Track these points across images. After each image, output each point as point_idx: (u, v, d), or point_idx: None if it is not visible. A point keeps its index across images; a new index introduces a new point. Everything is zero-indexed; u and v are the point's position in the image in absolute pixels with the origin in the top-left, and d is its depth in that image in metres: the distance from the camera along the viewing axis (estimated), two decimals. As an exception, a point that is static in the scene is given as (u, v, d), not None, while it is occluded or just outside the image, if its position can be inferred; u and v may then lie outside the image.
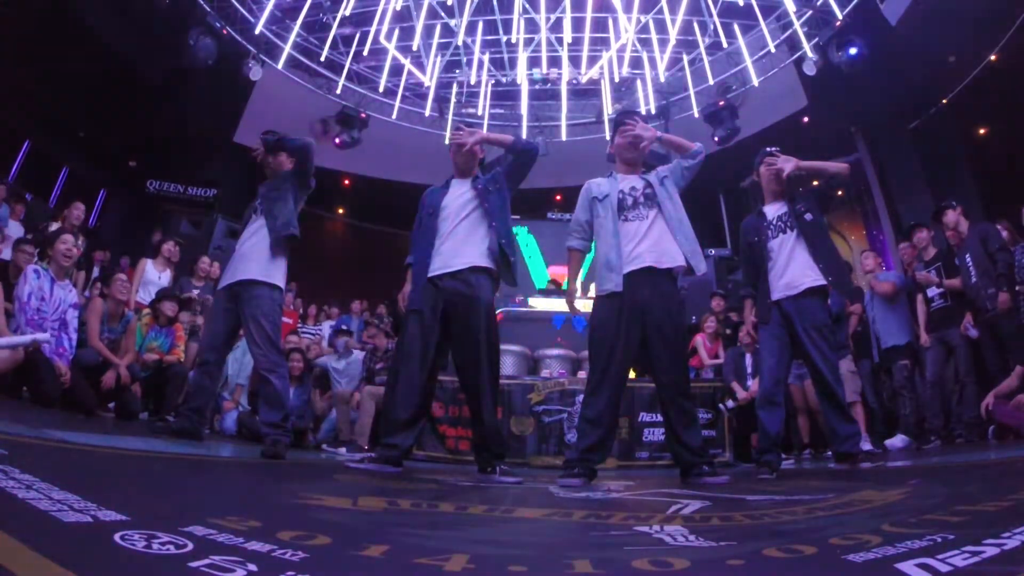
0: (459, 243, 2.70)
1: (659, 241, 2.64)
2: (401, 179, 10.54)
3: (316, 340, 6.48)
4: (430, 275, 2.69)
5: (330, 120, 9.94)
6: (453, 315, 2.64)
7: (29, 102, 8.39)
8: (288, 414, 3.04)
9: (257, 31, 8.70)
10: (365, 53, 9.82)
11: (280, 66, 9.16)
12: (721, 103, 9.27)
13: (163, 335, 4.37)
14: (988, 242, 3.98)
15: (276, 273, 3.07)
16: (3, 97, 7.94)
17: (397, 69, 9.78)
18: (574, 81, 10.21)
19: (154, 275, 5.21)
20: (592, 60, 9.74)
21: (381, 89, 10.02)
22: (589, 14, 9.17)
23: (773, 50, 8.78)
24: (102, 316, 3.92)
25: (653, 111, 9.77)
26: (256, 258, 3.05)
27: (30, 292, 3.37)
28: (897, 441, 4.35)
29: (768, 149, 3.22)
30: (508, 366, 5.40)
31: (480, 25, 9.67)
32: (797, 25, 8.34)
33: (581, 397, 3.31)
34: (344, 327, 5.68)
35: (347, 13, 8.81)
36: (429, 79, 9.88)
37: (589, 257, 3.02)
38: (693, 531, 1.11)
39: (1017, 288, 3.81)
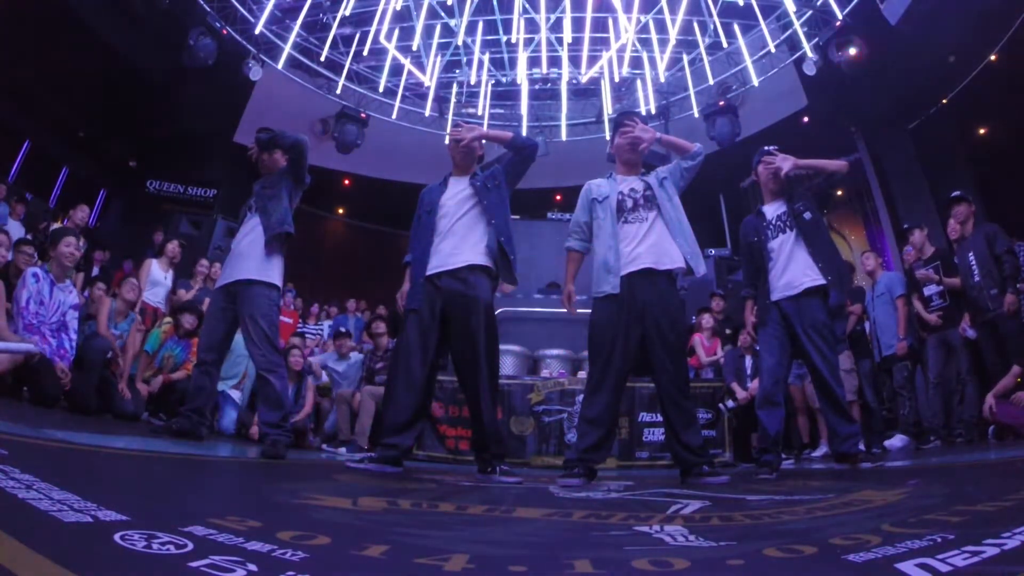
0: (457, 241, 2.69)
1: (658, 242, 2.64)
2: (401, 179, 10.55)
3: (316, 340, 6.49)
4: (428, 273, 2.68)
5: (330, 120, 9.95)
6: (452, 315, 2.64)
7: (29, 102, 8.40)
8: (288, 414, 3.04)
9: (257, 31, 8.71)
10: (365, 53, 9.82)
11: (280, 66, 9.16)
12: (721, 103, 9.27)
13: (180, 346, 4.39)
14: (994, 243, 3.96)
15: (272, 271, 3.06)
16: (3, 97, 7.94)
17: (397, 69, 9.78)
18: (574, 81, 10.21)
19: (160, 275, 5.23)
20: (592, 60, 9.74)
21: (381, 89, 10.03)
22: (589, 14, 9.16)
23: (773, 50, 8.78)
24: (109, 312, 3.94)
25: (653, 111, 9.77)
26: (252, 257, 3.04)
27: (28, 297, 3.36)
28: (897, 441, 4.35)
29: (766, 148, 3.22)
30: (508, 366, 5.39)
31: (480, 25, 9.67)
32: (797, 25, 8.34)
33: (581, 397, 3.31)
34: (342, 328, 5.67)
35: (347, 13, 8.81)
36: (429, 79, 9.88)
37: None
38: (693, 531, 1.11)
39: (1020, 286, 3.81)
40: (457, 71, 10.43)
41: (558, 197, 10.89)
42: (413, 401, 2.59)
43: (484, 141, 2.95)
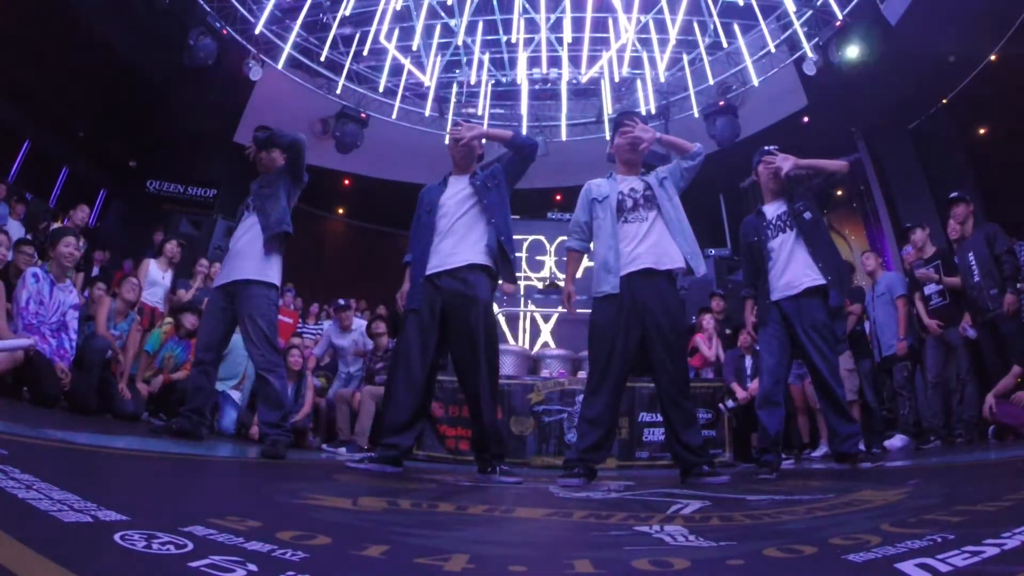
0: (457, 241, 2.69)
1: (658, 242, 2.64)
2: (401, 179, 10.55)
3: (316, 340, 6.48)
4: (428, 273, 2.68)
5: (330, 120, 9.95)
6: (451, 315, 2.64)
7: (29, 102, 8.40)
8: (288, 413, 3.04)
9: (257, 31, 8.70)
10: (365, 53, 9.82)
11: (280, 66, 9.16)
12: (721, 103, 9.27)
13: (181, 346, 4.39)
14: (994, 243, 3.96)
15: (271, 271, 3.05)
16: (3, 97, 7.94)
17: (397, 69, 9.78)
18: (574, 81, 10.21)
19: (158, 275, 5.22)
20: (592, 60, 9.74)
21: (381, 89, 10.03)
22: (589, 14, 9.16)
23: (773, 50, 8.78)
24: (109, 312, 3.95)
25: (653, 111, 9.77)
26: (250, 256, 3.03)
27: (28, 297, 3.36)
28: (896, 441, 4.35)
29: (767, 148, 3.22)
30: (508, 366, 5.40)
31: (480, 25, 9.67)
32: (797, 25, 8.34)
33: (581, 397, 3.31)
34: (341, 301, 5.61)
35: (347, 13, 8.81)
36: (429, 79, 9.89)
37: None
38: (693, 531, 1.11)
39: (1020, 286, 3.80)
40: (457, 71, 10.43)
41: (558, 197, 10.89)
42: (413, 401, 2.59)
43: (484, 140, 2.95)
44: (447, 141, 3.05)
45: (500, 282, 2.82)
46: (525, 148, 2.87)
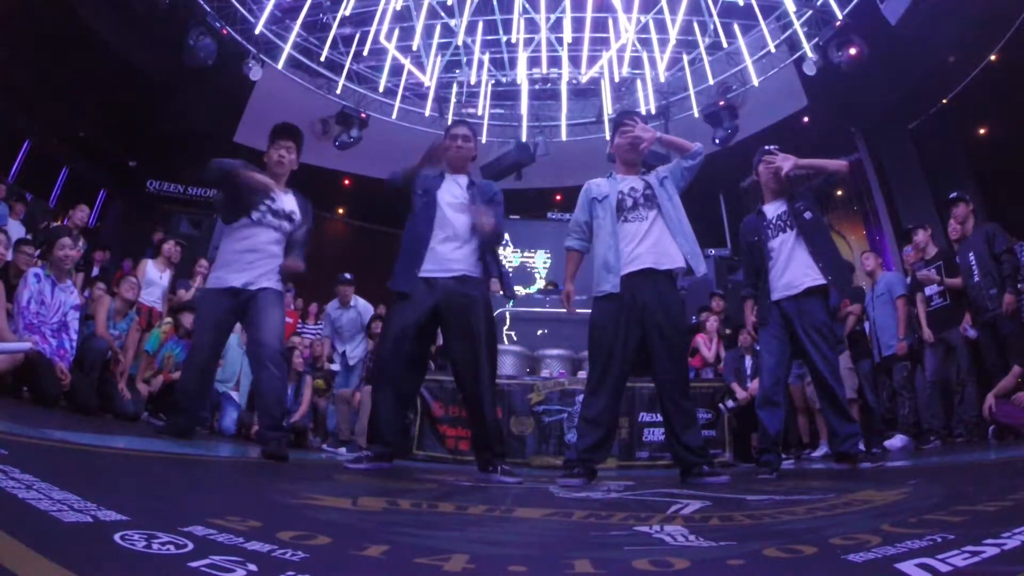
0: (454, 248, 2.67)
1: (659, 242, 2.64)
2: (401, 179, 10.54)
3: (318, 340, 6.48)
4: (423, 276, 2.63)
5: (330, 120, 9.95)
6: (450, 314, 2.61)
7: (29, 102, 8.40)
8: (286, 413, 3.03)
9: (257, 31, 8.71)
10: (365, 53, 9.83)
11: (280, 66, 9.17)
12: (721, 103, 9.27)
13: (180, 346, 4.40)
14: (994, 243, 3.96)
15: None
16: (3, 97, 7.94)
17: (397, 69, 9.79)
18: (574, 81, 10.21)
19: (155, 275, 5.22)
20: (592, 60, 9.75)
21: (381, 89, 10.03)
22: (589, 14, 9.17)
23: (773, 50, 8.78)
24: (108, 311, 3.95)
25: (653, 111, 9.78)
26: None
27: (29, 297, 3.36)
28: (896, 441, 4.35)
29: (767, 148, 3.22)
30: (508, 366, 5.39)
31: (480, 25, 9.68)
32: (797, 25, 8.34)
33: (581, 397, 3.31)
34: (347, 276, 5.60)
35: (347, 13, 8.82)
36: (429, 79, 9.89)
37: None
38: (693, 531, 1.11)
39: (1020, 286, 3.80)
40: (457, 71, 10.43)
41: (558, 197, 10.89)
42: (398, 409, 2.64)
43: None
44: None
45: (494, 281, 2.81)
46: (498, 238, 2.82)
